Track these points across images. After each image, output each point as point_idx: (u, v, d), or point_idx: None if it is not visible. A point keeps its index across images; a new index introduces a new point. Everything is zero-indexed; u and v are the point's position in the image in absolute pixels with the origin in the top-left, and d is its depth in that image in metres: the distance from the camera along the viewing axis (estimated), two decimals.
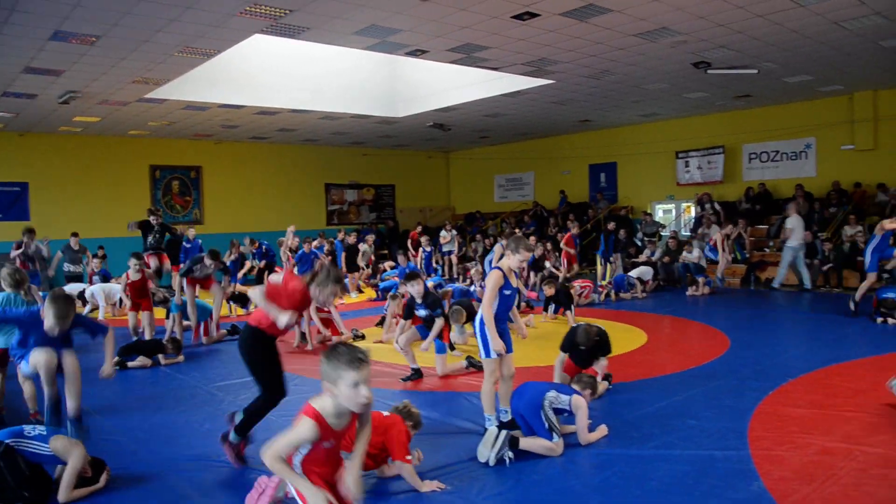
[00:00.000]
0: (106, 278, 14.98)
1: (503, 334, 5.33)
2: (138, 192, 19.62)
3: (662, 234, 18.10)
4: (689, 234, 17.82)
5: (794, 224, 14.15)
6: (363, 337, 9.98)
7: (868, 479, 4.31)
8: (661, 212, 20.54)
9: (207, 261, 9.72)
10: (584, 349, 6.33)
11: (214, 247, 10.59)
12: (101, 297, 13.07)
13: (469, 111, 16.96)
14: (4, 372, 6.29)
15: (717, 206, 17.33)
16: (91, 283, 14.59)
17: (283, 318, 4.55)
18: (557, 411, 5.09)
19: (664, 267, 15.52)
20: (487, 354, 5.29)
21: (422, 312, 7.70)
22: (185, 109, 15.41)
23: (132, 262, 9.52)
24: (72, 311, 5.26)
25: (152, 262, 12.41)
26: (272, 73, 14.65)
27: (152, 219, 12.83)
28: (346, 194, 24.08)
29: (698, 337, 9.59)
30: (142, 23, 9.16)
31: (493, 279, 5.28)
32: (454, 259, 18.67)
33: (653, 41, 11.00)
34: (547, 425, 4.94)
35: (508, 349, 5.39)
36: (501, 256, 5.78)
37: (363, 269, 17.73)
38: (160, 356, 8.63)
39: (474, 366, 7.63)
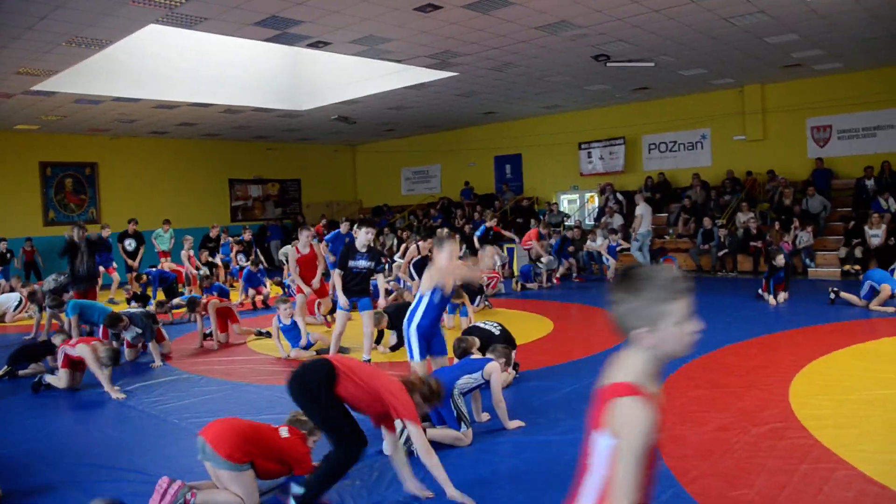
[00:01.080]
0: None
1: (436, 338, 5.50)
2: (27, 191, 18.64)
3: (567, 223, 18.46)
4: (592, 223, 18.25)
5: (642, 212, 15.30)
6: (269, 335, 9.74)
7: (759, 451, 4.53)
8: (566, 202, 20.96)
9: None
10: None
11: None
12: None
13: (373, 104, 16.86)
14: None
15: (620, 196, 17.81)
16: None
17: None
18: (469, 392, 5.18)
19: (572, 255, 15.84)
20: (413, 358, 5.42)
21: (362, 263, 7.39)
22: (77, 103, 14.72)
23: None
24: None
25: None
26: (171, 65, 14.15)
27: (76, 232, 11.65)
28: (251, 189, 23.56)
29: (603, 323, 9.83)
30: (23, 8, 8.65)
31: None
32: None
33: (554, 34, 11.18)
34: (455, 413, 4.97)
35: (444, 352, 5.58)
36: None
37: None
38: (50, 359, 7.97)
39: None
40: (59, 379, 7.07)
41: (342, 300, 7.16)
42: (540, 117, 20.34)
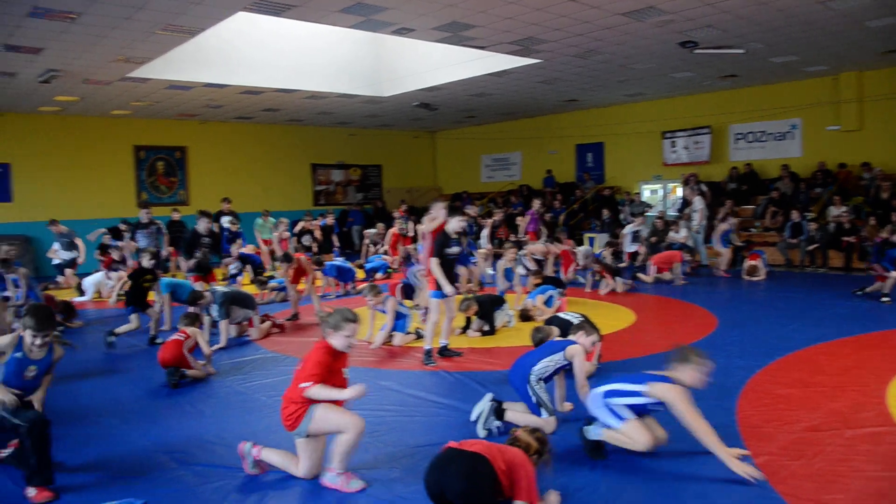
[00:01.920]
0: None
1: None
2: (122, 173, 19.43)
3: (649, 214, 18.11)
4: (675, 214, 17.84)
5: (700, 206, 15.44)
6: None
7: (855, 455, 4.35)
8: (648, 192, 20.55)
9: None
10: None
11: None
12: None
13: (455, 91, 16.86)
14: None
15: (704, 187, 17.37)
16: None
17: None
18: (550, 377, 5.09)
19: (651, 247, 15.55)
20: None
21: (455, 249, 7.32)
22: (169, 89, 15.21)
23: None
24: None
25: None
26: (257, 51, 14.45)
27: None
28: (333, 174, 23.94)
29: (686, 316, 9.64)
30: None
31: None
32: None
33: (640, 20, 10.94)
34: (535, 399, 4.95)
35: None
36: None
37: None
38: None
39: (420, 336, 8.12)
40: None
41: (448, 288, 7.12)
42: (623, 105, 19.98)
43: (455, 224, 7.24)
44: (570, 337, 5.48)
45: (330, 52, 15.26)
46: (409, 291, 9.90)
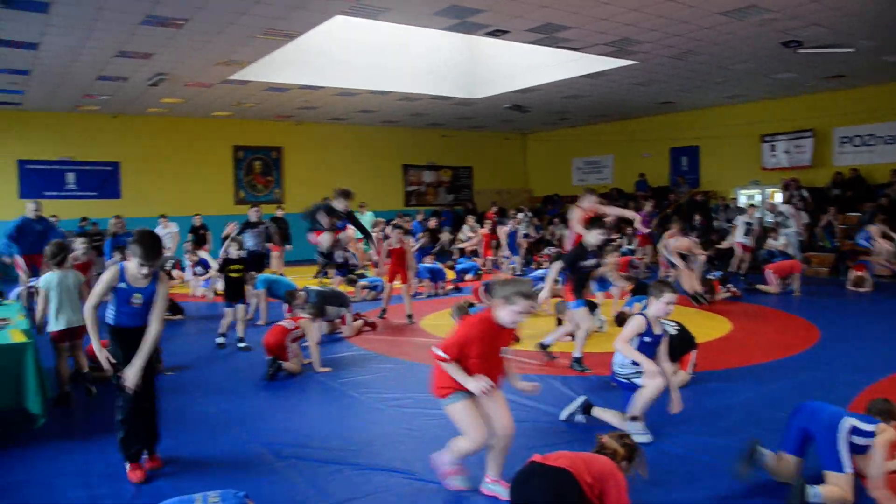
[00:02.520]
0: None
1: None
2: (222, 172, 20.21)
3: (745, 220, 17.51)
4: (773, 220, 17.22)
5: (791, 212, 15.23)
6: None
7: None
8: (744, 197, 19.92)
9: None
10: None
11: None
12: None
13: (548, 92, 16.75)
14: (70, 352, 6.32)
15: (805, 193, 16.71)
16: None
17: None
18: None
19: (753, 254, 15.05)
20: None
21: (591, 261, 7.09)
22: (267, 91, 15.70)
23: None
24: None
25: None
26: (351, 54, 14.75)
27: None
28: (424, 175, 24.18)
29: (785, 327, 9.28)
30: (227, 6, 9.34)
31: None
32: (524, 243, 18.14)
33: (741, 20, 10.62)
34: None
35: None
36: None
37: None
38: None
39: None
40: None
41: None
42: (720, 107, 19.43)
43: (593, 238, 7.00)
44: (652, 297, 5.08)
45: (424, 54, 15.42)
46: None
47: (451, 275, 14.49)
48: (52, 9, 9.19)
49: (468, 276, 14.64)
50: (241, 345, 8.33)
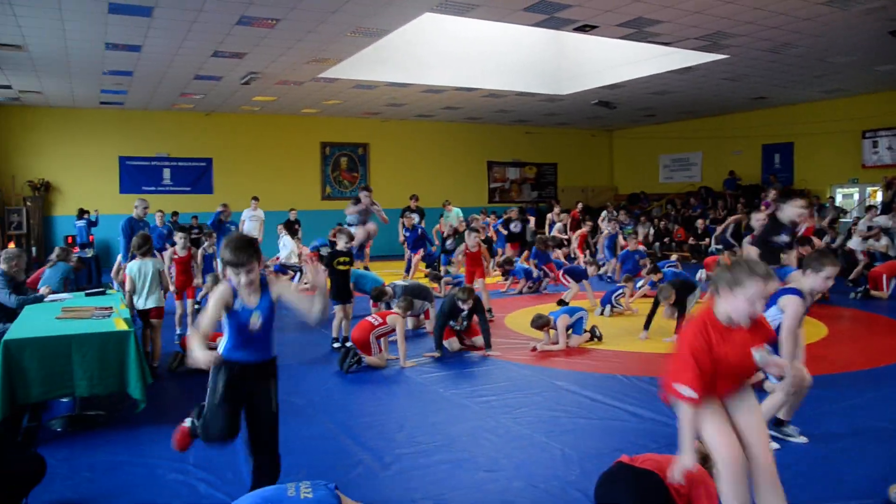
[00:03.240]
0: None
1: None
2: (310, 168, 20.69)
3: (843, 220, 16.84)
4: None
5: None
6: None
7: None
8: (842, 196, 19.12)
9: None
10: None
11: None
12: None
13: (636, 88, 16.45)
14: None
15: None
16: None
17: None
18: None
19: (845, 256, 14.44)
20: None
21: (784, 238, 6.50)
22: (355, 88, 15.94)
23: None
24: None
25: None
26: (438, 51, 14.84)
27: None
28: (508, 172, 24.12)
29: (885, 332, 8.86)
30: (318, 5, 9.51)
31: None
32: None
33: (844, 9, 10.17)
34: None
35: None
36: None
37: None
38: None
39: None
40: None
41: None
42: (817, 102, 18.68)
43: (790, 211, 6.30)
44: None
45: (510, 51, 15.38)
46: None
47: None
48: (156, 12, 9.57)
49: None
50: (336, 345, 8.19)
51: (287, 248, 14.72)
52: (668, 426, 5.16)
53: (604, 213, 18.18)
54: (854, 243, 14.09)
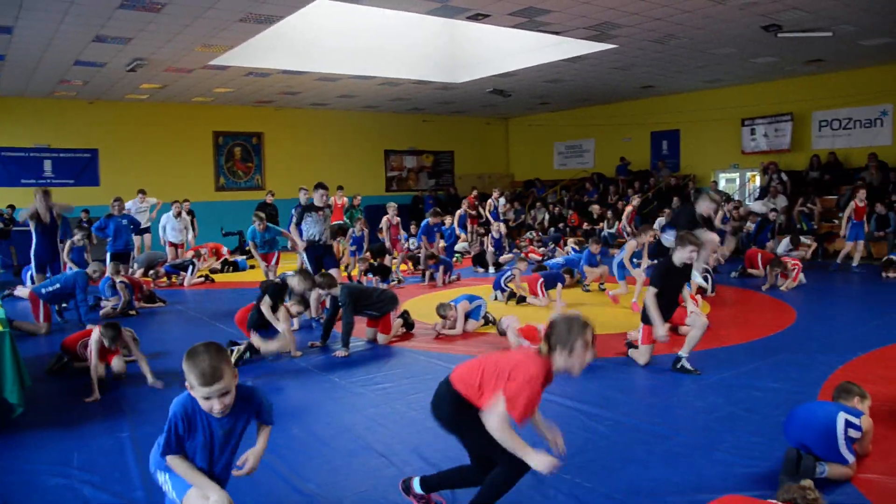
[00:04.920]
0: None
1: None
2: (202, 158, 20.07)
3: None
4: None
5: None
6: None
7: None
8: (725, 181, 20.06)
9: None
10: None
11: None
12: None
13: (529, 77, 16.75)
14: None
15: (784, 176, 16.85)
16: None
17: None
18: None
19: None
20: None
21: None
22: (248, 76, 15.58)
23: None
24: None
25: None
26: (334, 39, 14.66)
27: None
28: (406, 160, 24.13)
29: (762, 308, 9.38)
30: None
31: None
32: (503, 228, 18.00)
33: (721, 3, 10.64)
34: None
35: None
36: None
37: None
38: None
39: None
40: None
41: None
42: (700, 91, 19.51)
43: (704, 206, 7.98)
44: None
45: (405, 39, 15.34)
46: (551, 285, 10.18)
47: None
48: None
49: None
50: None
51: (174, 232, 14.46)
52: (560, 405, 5.31)
53: (489, 202, 18.45)
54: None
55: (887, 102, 16.22)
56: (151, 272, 13.18)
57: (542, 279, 10.30)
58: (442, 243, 15.11)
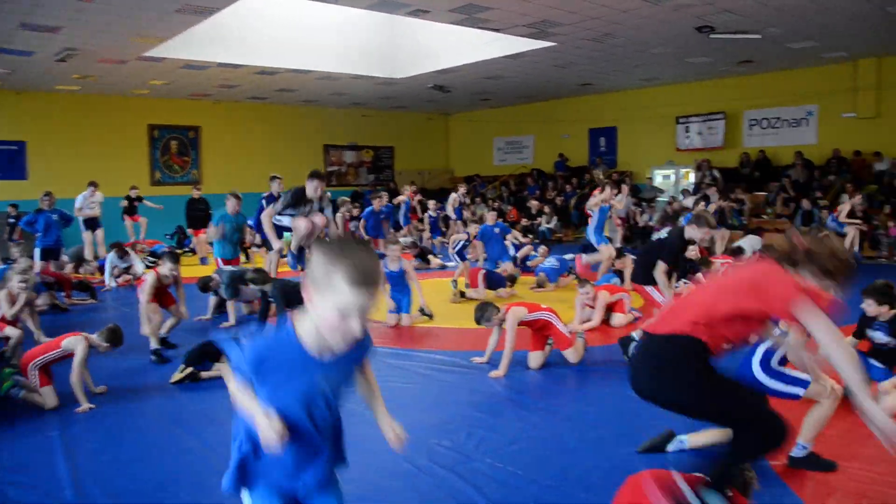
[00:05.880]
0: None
1: None
2: (137, 152, 19.60)
3: (660, 199, 18.09)
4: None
5: None
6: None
7: (855, 439, 4.39)
8: (660, 177, 20.52)
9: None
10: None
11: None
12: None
13: (470, 73, 16.85)
14: None
15: (716, 173, 17.32)
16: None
17: None
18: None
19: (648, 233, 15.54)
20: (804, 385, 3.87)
21: None
22: (184, 69, 15.29)
23: (169, 266, 7.08)
24: None
25: None
26: (273, 32, 14.47)
27: None
28: (345, 156, 24.01)
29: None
30: None
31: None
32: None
33: (657, 4, 10.88)
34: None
35: None
36: None
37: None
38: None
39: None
40: None
41: None
42: (637, 90, 19.91)
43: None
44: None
45: (345, 33, 15.25)
46: (494, 282, 10.19)
47: None
48: None
49: None
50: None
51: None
52: (496, 396, 5.40)
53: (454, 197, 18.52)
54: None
55: (813, 103, 16.82)
56: (82, 269, 12.78)
57: (483, 271, 10.38)
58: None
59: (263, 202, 9.82)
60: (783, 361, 3.84)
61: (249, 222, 11.92)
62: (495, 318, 6.08)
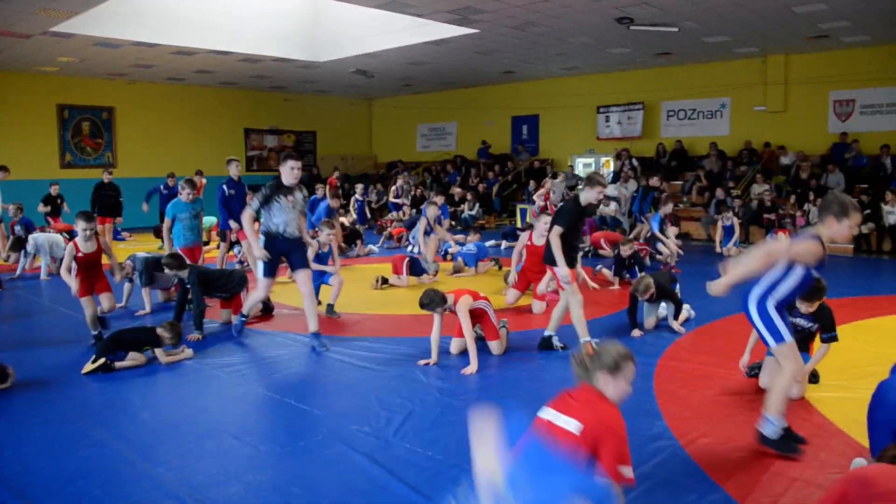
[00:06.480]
0: (28, 228, 12.72)
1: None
2: (45, 133, 18.72)
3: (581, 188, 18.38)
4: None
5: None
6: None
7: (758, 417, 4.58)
8: (581, 165, 20.88)
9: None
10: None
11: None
12: (46, 249, 11.15)
13: (392, 58, 16.75)
14: None
15: (635, 162, 17.72)
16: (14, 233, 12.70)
17: None
18: None
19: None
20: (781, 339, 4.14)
21: None
22: (96, 46, 14.69)
23: (82, 225, 6.63)
24: None
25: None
26: (191, 11, 14.08)
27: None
28: (266, 140, 23.57)
29: (602, 289, 9.78)
30: None
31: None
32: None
33: None
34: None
35: None
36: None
37: None
38: (156, 351, 6.19)
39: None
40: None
41: None
42: (559, 78, 20.17)
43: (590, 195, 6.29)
44: None
45: (267, 15, 14.98)
46: (416, 268, 10.24)
47: None
48: None
49: None
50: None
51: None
52: (418, 383, 5.43)
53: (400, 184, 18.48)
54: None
55: (726, 96, 17.39)
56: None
57: (408, 259, 10.37)
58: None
59: (224, 188, 9.60)
60: (781, 307, 4.16)
61: None
62: (444, 306, 5.96)
